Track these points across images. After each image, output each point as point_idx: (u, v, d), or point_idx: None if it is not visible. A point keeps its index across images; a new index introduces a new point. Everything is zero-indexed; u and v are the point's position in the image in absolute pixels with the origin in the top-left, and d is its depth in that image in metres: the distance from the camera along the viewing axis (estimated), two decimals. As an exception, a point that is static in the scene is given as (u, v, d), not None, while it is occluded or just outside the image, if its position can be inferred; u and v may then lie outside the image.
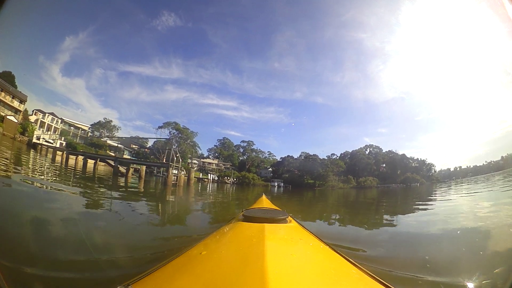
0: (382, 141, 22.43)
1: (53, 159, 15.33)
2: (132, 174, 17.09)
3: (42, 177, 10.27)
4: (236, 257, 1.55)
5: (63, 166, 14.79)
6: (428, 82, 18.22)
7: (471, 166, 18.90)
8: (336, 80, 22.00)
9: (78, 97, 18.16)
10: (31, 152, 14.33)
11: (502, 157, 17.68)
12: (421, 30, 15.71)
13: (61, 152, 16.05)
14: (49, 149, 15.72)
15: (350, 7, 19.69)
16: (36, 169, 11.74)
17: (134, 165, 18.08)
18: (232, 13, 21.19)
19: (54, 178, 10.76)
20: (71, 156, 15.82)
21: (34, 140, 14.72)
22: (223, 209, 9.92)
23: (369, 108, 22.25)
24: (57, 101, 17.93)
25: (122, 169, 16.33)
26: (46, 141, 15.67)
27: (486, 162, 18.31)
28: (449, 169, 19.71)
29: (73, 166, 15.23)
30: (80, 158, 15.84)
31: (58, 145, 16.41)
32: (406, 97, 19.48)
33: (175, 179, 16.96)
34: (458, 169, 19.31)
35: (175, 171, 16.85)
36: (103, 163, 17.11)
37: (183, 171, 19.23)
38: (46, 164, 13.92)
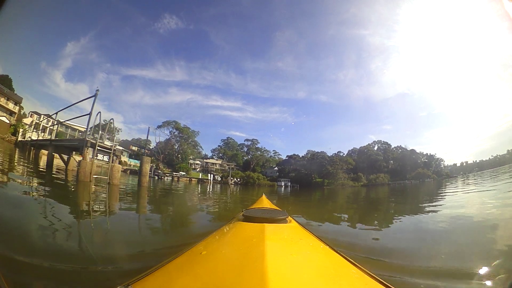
0: (387, 138, 22.48)
1: (29, 156, 13.71)
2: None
3: (27, 176, 9.13)
4: (236, 257, 1.54)
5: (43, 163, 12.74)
6: (432, 78, 18.50)
7: (477, 161, 19.49)
8: (340, 78, 22.00)
9: (81, 102, 17.20)
10: (16, 150, 13.48)
11: (508, 150, 18.38)
12: (423, 26, 15.90)
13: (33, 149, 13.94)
14: (26, 146, 14.42)
15: (351, 4, 19.70)
16: (20, 168, 10.43)
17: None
18: (234, 14, 21.14)
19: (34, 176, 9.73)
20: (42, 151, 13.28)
21: (20, 138, 13.90)
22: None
23: (373, 105, 22.38)
24: (60, 106, 17.16)
25: (64, 157, 11.49)
26: (31, 140, 14.24)
27: (492, 156, 18.95)
28: (455, 164, 20.17)
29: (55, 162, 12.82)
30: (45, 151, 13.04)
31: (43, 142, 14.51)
32: (409, 94, 19.68)
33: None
34: (464, 164, 19.84)
35: (103, 157, 9.96)
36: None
37: (118, 156, 11.36)
38: (26, 162, 12.50)
